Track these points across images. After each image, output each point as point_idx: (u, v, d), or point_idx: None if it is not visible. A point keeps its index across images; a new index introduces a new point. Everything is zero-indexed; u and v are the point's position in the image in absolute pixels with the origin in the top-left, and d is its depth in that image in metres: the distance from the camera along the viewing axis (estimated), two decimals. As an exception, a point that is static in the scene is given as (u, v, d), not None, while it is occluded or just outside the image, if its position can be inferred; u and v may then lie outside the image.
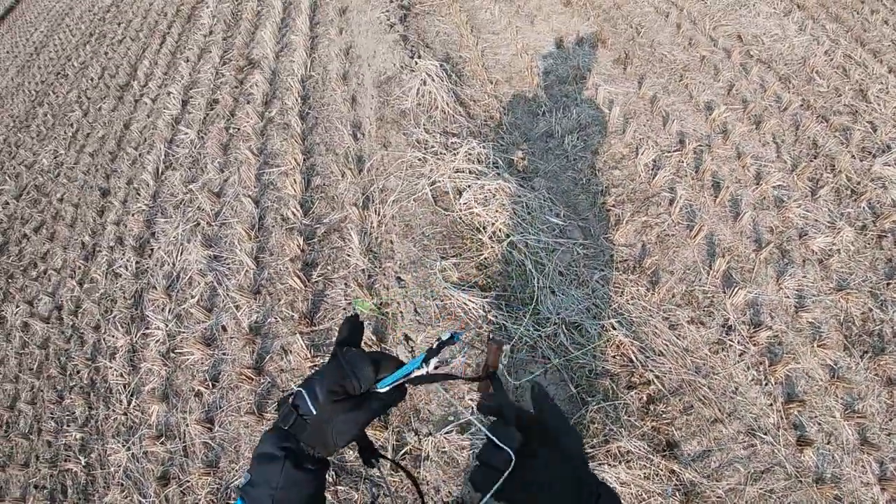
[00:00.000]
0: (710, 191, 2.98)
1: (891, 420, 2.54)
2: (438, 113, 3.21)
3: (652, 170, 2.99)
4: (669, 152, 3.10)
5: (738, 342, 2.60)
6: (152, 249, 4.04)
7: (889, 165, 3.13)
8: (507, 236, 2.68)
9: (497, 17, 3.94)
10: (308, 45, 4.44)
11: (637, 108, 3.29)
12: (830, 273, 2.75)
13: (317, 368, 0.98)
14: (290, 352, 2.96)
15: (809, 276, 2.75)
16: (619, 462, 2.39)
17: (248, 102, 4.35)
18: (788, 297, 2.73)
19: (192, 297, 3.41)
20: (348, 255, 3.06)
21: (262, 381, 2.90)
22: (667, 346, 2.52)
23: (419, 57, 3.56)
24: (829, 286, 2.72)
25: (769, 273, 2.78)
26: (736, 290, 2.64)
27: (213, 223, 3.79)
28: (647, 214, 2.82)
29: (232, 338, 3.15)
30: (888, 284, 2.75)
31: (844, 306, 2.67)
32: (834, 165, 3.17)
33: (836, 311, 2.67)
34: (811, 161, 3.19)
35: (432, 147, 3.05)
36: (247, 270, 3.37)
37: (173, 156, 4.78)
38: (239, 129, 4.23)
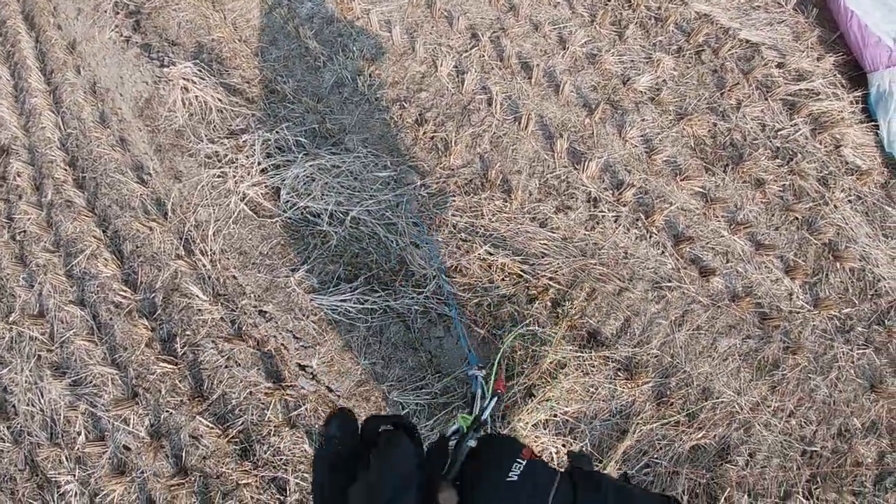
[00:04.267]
0: (522, 74, 2.48)
1: (772, 216, 2.33)
2: (216, 115, 2.40)
3: (457, 77, 2.42)
4: (467, 51, 2.53)
5: (609, 209, 2.25)
6: (14, 406, 3.04)
7: (683, -19, 2.73)
8: (346, 214, 2.06)
9: (236, -21, 3.01)
10: (51, 101, 3.28)
11: (416, 18, 2.64)
12: (666, 106, 2.41)
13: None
14: (201, 436, 2.30)
15: (648, 117, 2.39)
16: (556, 375, 2.01)
17: (20, 197, 3.21)
18: (637, 146, 2.39)
19: (78, 433, 2.60)
20: (200, 311, 2.33)
21: (192, 479, 2.27)
22: (546, 244, 2.11)
23: (171, 64, 2.63)
24: (669, 119, 2.39)
25: (609, 131, 2.39)
26: (586, 161, 2.25)
27: (52, 348, 2.85)
28: (472, 124, 2.29)
29: (139, 453, 2.42)
30: (721, 93, 2.46)
31: (690, 132, 2.37)
32: (630, 1, 2.72)
33: (685, 140, 2.37)
34: (606, 5, 2.73)
35: (226, 156, 2.28)
36: (112, 379, 2.56)
37: (-22, 291, 3.56)
38: (25, 232, 3.13)
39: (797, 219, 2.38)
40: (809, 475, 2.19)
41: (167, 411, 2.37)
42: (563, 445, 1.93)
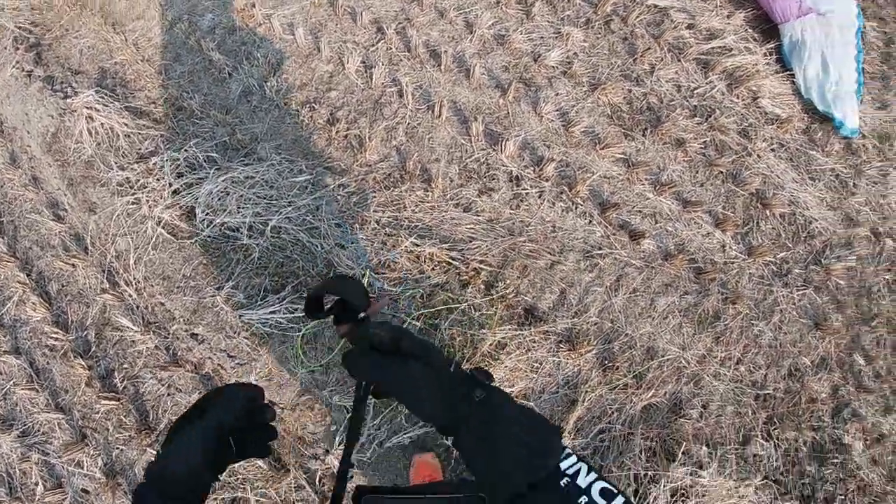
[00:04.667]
0: (431, 62, 2.43)
1: (696, 173, 2.33)
2: (123, 141, 2.30)
3: (365, 72, 2.36)
4: (374, 45, 2.46)
5: (532, 186, 2.22)
6: (-35, 463, 2.87)
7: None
8: (265, 224, 1.99)
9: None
10: (-40, 147, 3.09)
11: (319, 18, 2.56)
12: (579, 78, 2.39)
13: None
14: None
15: (561, 91, 2.36)
16: (498, 357, 1.97)
17: (-60, 249, 3.03)
18: (553, 120, 2.36)
19: (36, 484, 2.47)
20: (133, 343, 2.24)
21: (151, 513, 2.14)
22: (473, 228, 2.07)
23: (75, 94, 2.51)
24: (583, 91, 2.36)
25: (525, 109, 2.36)
26: (503, 141, 2.22)
27: (-5, 399, 2.69)
28: (385, 118, 2.23)
29: (98, 494, 2.33)
30: (634, 60, 2.44)
31: (606, 100, 2.35)
32: (535, -22, 2.68)
33: (601, 109, 2.35)
34: (512, -15, 2.67)
35: (138, 182, 2.18)
36: (59, 424, 2.44)
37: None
38: (-51, 285, 2.96)
39: (722, 173, 2.40)
40: (766, 417, 2.21)
41: (118, 448, 2.29)
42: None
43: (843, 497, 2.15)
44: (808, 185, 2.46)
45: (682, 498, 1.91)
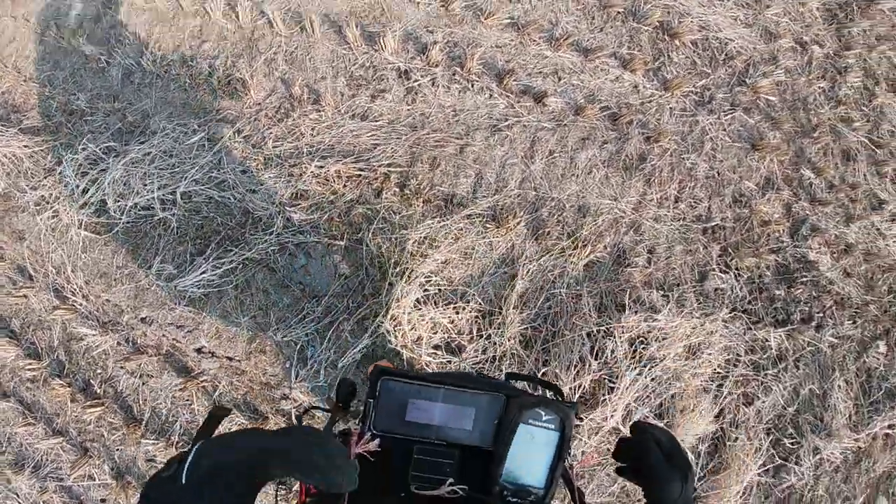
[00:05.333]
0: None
1: (593, 19, 2.25)
2: (28, 163, 2.29)
3: (232, 14, 2.28)
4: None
5: (423, 76, 2.13)
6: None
7: None
8: (174, 193, 1.97)
9: None
10: None
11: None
12: None
13: None
14: (154, 456, 2.34)
15: None
16: (428, 255, 1.94)
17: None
18: (430, 3, 2.28)
19: None
20: (97, 346, 2.27)
21: None
22: (374, 135, 2.03)
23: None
24: None
25: (398, 0, 2.25)
26: (383, 39, 2.11)
27: (2, 450, 2.78)
28: (261, 52, 2.17)
29: (115, 499, 2.40)
30: None
31: None
32: None
33: None
34: None
35: (51, 195, 2.19)
36: (62, 447, 2.51)
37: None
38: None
39: (619, 13, 2.28)
40: (720, 250, 2.13)
41: (117, 449, 2.35)
42: (457, 312, 1.89)
43: (821, 314, 2.08)
44: (717, 6, 2.34)
45: (642, 344, 1.87)
